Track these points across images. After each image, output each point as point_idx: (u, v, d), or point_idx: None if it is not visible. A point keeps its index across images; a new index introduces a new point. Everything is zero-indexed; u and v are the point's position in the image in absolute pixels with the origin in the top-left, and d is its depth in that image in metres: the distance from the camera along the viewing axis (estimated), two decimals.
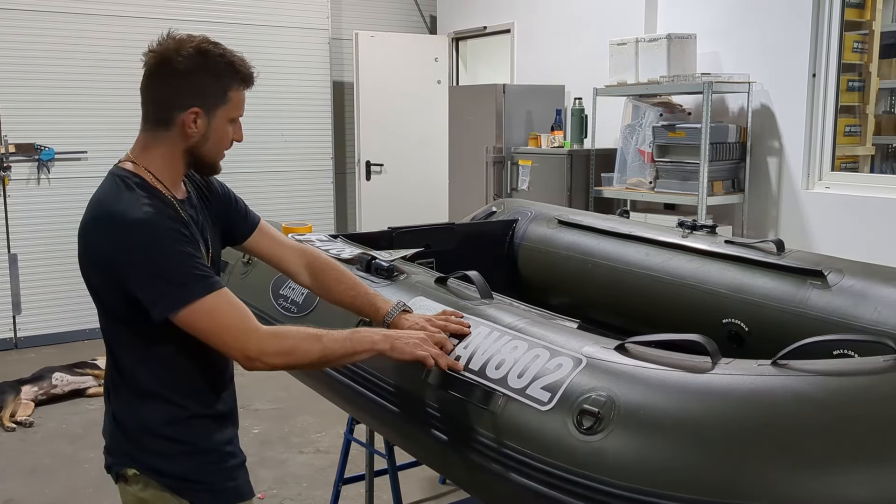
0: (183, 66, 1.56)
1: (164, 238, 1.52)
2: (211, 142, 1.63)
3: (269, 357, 1.57)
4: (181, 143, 1.61)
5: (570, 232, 3.21)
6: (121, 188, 1.57)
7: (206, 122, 1.60)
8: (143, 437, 1.66)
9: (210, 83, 1.59)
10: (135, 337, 1.61)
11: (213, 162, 1.68)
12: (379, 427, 2.31)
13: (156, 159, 1.62)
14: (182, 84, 1.57)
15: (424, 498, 3.55)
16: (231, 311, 1.56)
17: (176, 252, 1.53)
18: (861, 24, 4.37)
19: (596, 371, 1.61)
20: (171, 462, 1.66)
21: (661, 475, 1.40)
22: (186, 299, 1.52)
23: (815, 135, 4.32)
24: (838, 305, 2.34)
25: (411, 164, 6.75)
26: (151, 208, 1.54)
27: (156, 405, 1.64)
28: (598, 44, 5.14)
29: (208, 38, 1.62)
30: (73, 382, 4.69)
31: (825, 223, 4.22)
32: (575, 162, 5.02)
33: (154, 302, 1.52)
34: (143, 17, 5.81)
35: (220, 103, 1.61)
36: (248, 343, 1.56)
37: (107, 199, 1.57)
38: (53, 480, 3.71)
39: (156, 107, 1.61)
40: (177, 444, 1.66)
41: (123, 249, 1.52)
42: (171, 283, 1.52)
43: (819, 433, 1.34)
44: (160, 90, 1.59)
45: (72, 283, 5.77)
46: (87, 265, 1.60)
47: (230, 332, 1.55)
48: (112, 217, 1.54)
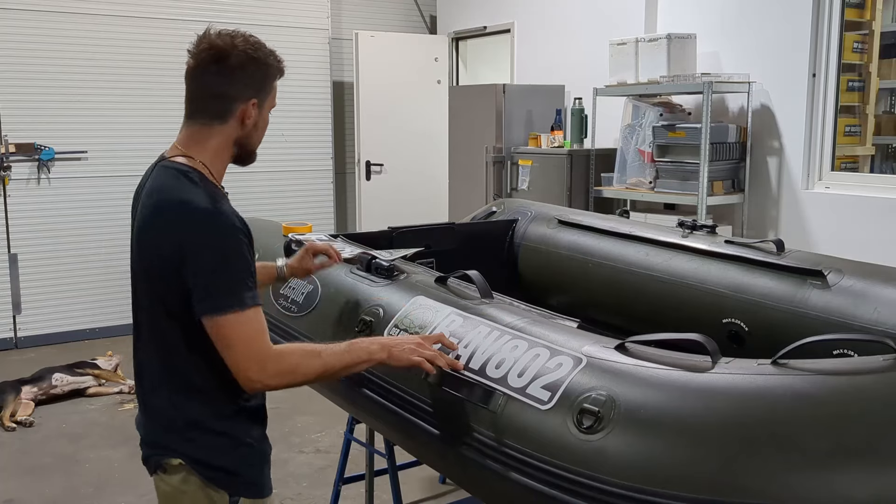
0: (238, 60, 1.62)
1: (234, 237, 1.57)
2: (259, 131, 1.71)
3: (269, 379, 1.59)
4: (235, 134, 1.67)
5: (570, 232, 3.21)
6: (183, 181, 1.60)
7: (258, 112, 1.68)
8: (192, 432, 1.67)
9: (262, 75, 1.67)
10: (187, 331, 1.61)
11: (255, 150, 1.74)
12: (379, 426, 2.31)
13: (208, 153, 1.66)
14: (240, 77, 1.63)
15: (424, 497, 3.56)
16: (255, 332, 1.58)
17: (239, 255, 1.57)
18: (861, 23, 4.37)
19: (596, 370, 1.62)
20: (221, 455, 1.68)
21: (660, 474, 1.41)
22: (229, 306, 1.54)
23: (815, 135, 4.32)
24: (838, 305, 2.34)
25: (411, 164, 6.75)
26: (224, 204, 1.60)
27: (205, 400, 1.67)
28: (598, 44, 5.14)
29: (254, 36, 1.70)
30: (73, 382, 4.69)
31: (825, 223, 4.22)
32: (575, 162, 5.02)
33: (202, 298, 1.55)
34: (143, 17, 5.82)
35: (268, 94, 1.69)
36: (254, 365, 1.58)
37: (172, 188, 1.60)
38: (53, 480, 3.71)
39: (214, 101, 1.64)
40: (225, 437, 1.69)
41: (196, 233, 1.55)
42: (223, 286, 1.55)
43: (818, 432, 1.34)
44: (219, 85, 1.63)
45: (72, 283, 5.78)
46: (150, 254, 1.61)
47: (245, 351, 1.57)
48: (186, 204, 1.56)
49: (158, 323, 1.66)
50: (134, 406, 4.55)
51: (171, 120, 6.74)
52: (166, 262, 1.57)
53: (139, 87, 5.82)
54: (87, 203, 5.77)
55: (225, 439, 1.69)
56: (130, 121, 5.80)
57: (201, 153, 1.65)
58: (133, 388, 4.73)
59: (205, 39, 1.63)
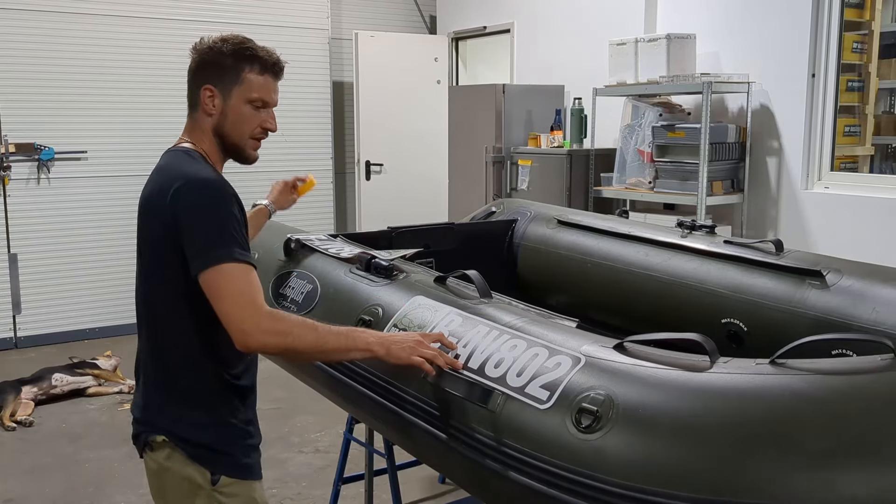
0: (209, 53, 1.74)
1: (224, 200, 1.64)
2: (230, 121, 1.74)
3: (263, 335, 1.60)
4: (206, 121, 1.75)
5: (570, 232, 3.21)
6: (184, 158, 1.72)
7: (221, 100, 1.73)
8: (178, 407, 1.72)
9: (227, 64, 1.72)
10: (181, 304, 1.67)
11: (238, 144, 1.77)
12: (378, 426, 2.31)
13: (201, 141, 1.77)
14: (205, 68, 1.74)
15: (424, 497, 3.56)
16: (249, 284, 1.61)
17: (230, 215, 1.63)
18: (860, 24, 4.37)
19: (595, 370, 1.62)
20: (203, 431, 1.71)
21: (659, 473, 1.41)
22: (221, 258, 1.59)
23: (814, 135, 4.32)
24: (837, 305, 2.34)
25: (411, 164, 6.76)
26: (218, 176, 1.71)
27: (194, 375, 1.71)
28: (597, 44, 5.14)
29: (243, 36, 1.77)
30: (73, 382, 4.69)
31: (824, 223, 4.23)
32: (574, 162, 5.02)
33: (196, 255, 1.60)
34: (143, 17, 5.82)
35: (234, 83, 1.73)
36: (248, 317, 1.59)
37: (176, 164, 1.70)
38: (53, 480, 3.71)
39: (188, 91, 1.77)
40: (209, 414, 1.72)
41: (192, 203, 1.63)
42: (217, 240, 1.60)
43: (817, 431, 1.34)
44: (192, 77, 1.77)
45: (71, 283, 5.79)
46: (153, 223, 1.68)
47: (239, 301, 1.59)
48: (185, 177, 1.65)
49: (152, 297, 1.73)
50: None
51: (170, 120, 6.74)
52: (168, 228, 1.64)
53: (139, 87, 5.82)
54: (87, 203, 5.77)
55: (208, 416, 1.72)
56: (130, 121, 5.81)
57: (199, 141, 1.77)
58: (133, 387, 4.75)
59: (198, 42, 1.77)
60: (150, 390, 1.76)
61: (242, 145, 1.78)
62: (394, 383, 1.98)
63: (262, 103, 1.76)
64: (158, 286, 1.72)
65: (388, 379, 2.00)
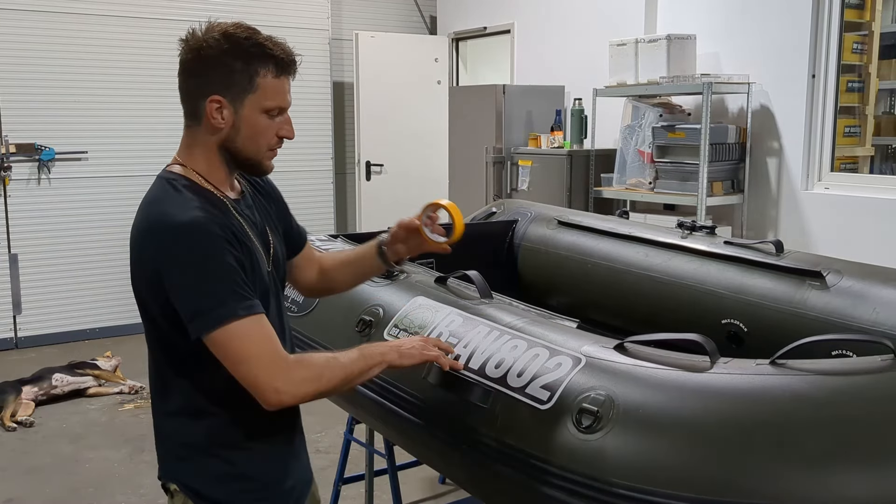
0: (207, 53, 1.46)
1: (210, 246, 1.41)
2: (243, 135, 1.49)
3: (298, 386, 1.45)
4: (212, 137, 1.50)
5: (570, 232, 3.22)
6: (168, 190, 1.48)
7: (231, 112, 1.48)
8: (187, 455, 1.57)
9: (235, 69, 1.46)
10: (183, 351, 1.49)
11: (254, 158, 1.53)
12: (379, 426, 2.31)
13: (199, 158, 1.52)
14: (207, 72, 1.47)
15: (424, 497, 3.56)
16: (265, 339, 1.44)
17: (220, 264, 1.41)
18: (860, 24, 4.37)
19: (595, 370, 1.62)
20: (213, 485, 1.56)
21: (659, 474, 1.41)
22: (222, 318, 1.40)
23: (814, 135, 4.32)
24: (837, 306, 2.34)
25: (411, 164, 6.76)
26: (200, 212, 1.43)
27: (203, 424, 1.55)
28: (597, 44, 5.14)
29: (243, 23, 1.50)
30: (73, 383, 4.69)
31: (824, 224, 4.23)
32: (575, 162, 5.03)
33: (191, 318, 1.42)
34: (142, 17, 5.82)
35: (246, 91, 1.47)
36: (278, 374, 1.43)
37: (155, 200, 1.48)
38: (53, 480, 3.71)
39: (186, 100, 1.51)
40: (221, 466, 1.55)
41: (168, 254, 1.42)
42: (210, 298, 1.40)
43: (817, 432, 1.35)
44: (188, 81, 1.50)
45: (72, 283, 5.79)
46: (136, 271, 1.50)
47: (261, 361, 1.42)
48: (159, 219, 1.44)
49: (154, 342, 1.56)
50: (134, 406, 4.56)
51: (171, 120, 6.72)
52: (148, 281, 1.46)
53: (139, 87, 5.82)
54: (87, 203, 5.77)
55: (221, 468, 1.56)
56: (130, 121, 5.81)
57: (192, 159, 1.53)
58: (133, 387, 4.76)
59: (187, 35, 1.51)
60: (160, 434, 1.64)
61: (259, 159, 1.54)
62: (394, 384, 1.99)
63: (278, 110, 1.52)
64: (152, 337, 1.54)
65: (388, 379, 2.00)
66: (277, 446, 1.63)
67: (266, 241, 1.60)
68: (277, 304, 1.62)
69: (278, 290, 1.65)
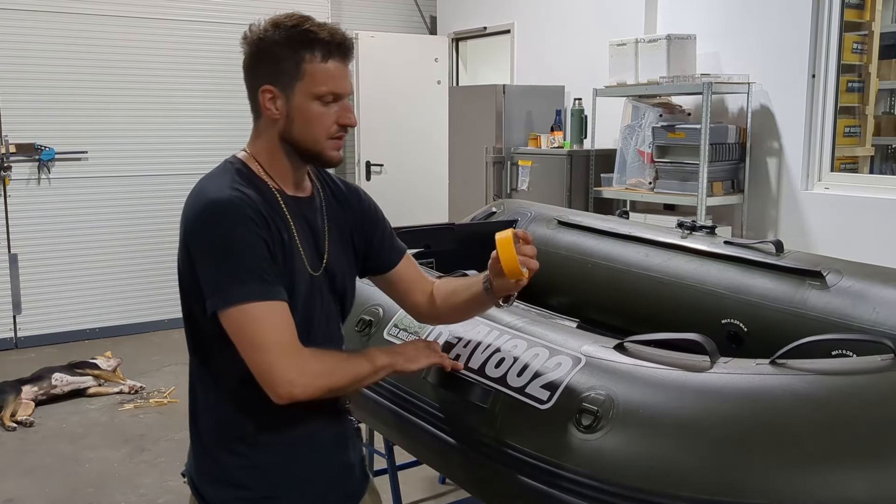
0: (258, 45, 1.46)
1: (239, 226, 1.39)
2: (298, 124, 1.47)
3: (312, 379, 1.40)
4: (272, 129, 1.49)
5: (570, 232, 3.22)
6: (221, 171, 1.49)
7: (284, 101, 1.46)
8: (204, 462, 1.55)
9: (283, 57, 1.44)
10: (204, 344, 1.48)
11: (313, 148, 1.49)
12: (379, 426, 2.32)
13: (262, 150, 1.52)
14: (259, 64, 1.47)
15: (424, 497, 3.56)
16: (282, 327, 1.40)
17: (245, 244, 1.39)
18: (860, 24, 4.37)
19: (595, 370, 1.62)
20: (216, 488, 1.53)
21: (659, 474, 1.41)
22: (239, 297, 1.37)
23: (814, 135, 4.33)
24: (837, 306, 2.34)
25: (411, 164, 6.76)
26: (239, 193, 1.42)
27: (218, 425, 1.52)
28: (597, 44, 5.14)
29: (295, 12, 1.48)
30: (73, 382, 4.69)
31: (824, 224, 4.23)
32: (574, 162, 5.03)
33: (210, 292, 1.39)
34: (142, 16, 5.81)
35: (295, 78, 1.44)
36: (292, 364, 1.39)
37: (206, 177, 1.49)
38: (53, 480, 3.71)
39: (248, 95, 1.51)
40: (233, 476, 1.51)
41: (198, 228, 1.41)
42: (229, 275, 1.38)
43: (816, 432, 1.34)
44: (246, 77, 1.50)
45: (72, 283, 5.78)
46: (178, 253, 1.48)
47: (278, 349, 1.38)
48: (198, 195, 1.44)
49: (187, 336, 1.53)
50: (134, 406, 4.56)
51: (171, 120, 6.72)
52: (185, 261, 1.45)
53: (139, 87, 5.82)
54: (87, 203, 5.77)
55: (219, 471, 1.52)
56: (130, 121, 5.80)
57: (257, 150, 1.53)
58: (132, 387, 4.75)
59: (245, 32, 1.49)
60: (191, 436, 1.58)
61: (319, 149, 1.49)
62: (394, 384, 1.99)
63: (332, 97, 1.47)
64: (187, 328, 1.52)
65: (388, 379, 2.00)
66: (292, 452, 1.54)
67: (319, 246, 1.56)
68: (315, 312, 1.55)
69: (323, 300, 1.57)
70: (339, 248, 1.61)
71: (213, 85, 5.97)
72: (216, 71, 5.94)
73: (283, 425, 1.51)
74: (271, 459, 1.52)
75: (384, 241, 1.72)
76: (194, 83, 5.98)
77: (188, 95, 5.97)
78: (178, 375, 4.99)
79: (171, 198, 5.91)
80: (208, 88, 5.99)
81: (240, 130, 6.93)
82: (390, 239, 1.74)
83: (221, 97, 5.95)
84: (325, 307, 1.58)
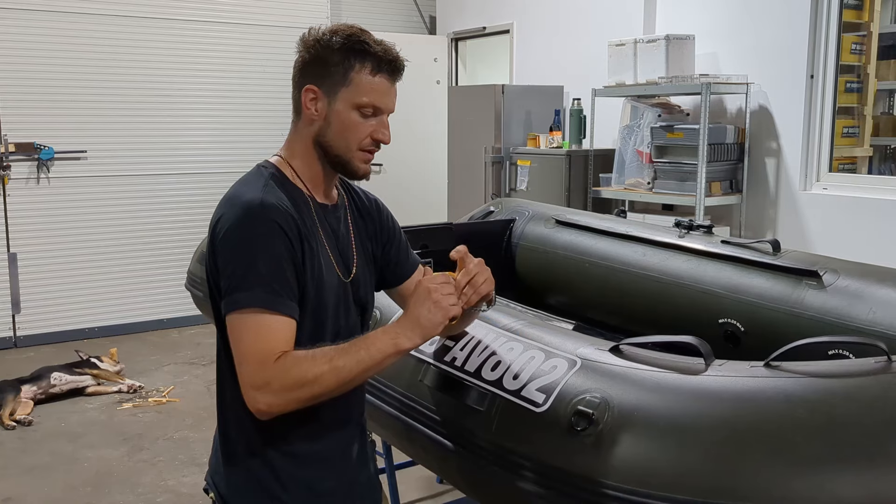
0: (315, 47, 1.49)
1: (263, 233, 1.39)
2: (334, 129, 1.48)
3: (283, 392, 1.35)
4: (308, 129, 1.51)
5: (568, 232, 3.22)
6: (254, 174, 1.51)
7: (325, 104, 1.48)
8: (225, 467, 1.54)
9: (332, 62, 1.47)
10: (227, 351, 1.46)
11: (343, 156, 1.50)
12: (376, 428, 2.32)
13: (296, 154, 1.53)
14: (309, 65, 1.49)
15: (422, 497, 3.56)
16: (268, 339, 1.36)
17: (267, 251, 1.38)
18: (859, 25, 4.38)
19: (591, 373, 1.62)
20: (238, 495, 1.52)
21: (654, 476, 1.41)
22: (241, 303, 1.36)
23: (812, 136, 4.33)
24: (833, 306, 2.34)
25: (411, 164, 6.76)
26: (269, 197, 1.42)
27: (239, 433, 1.50)
28: (596, 44, 5.14)
29: (357, 25, 1.52)
30: (72, 382, 4.69)
31: (823, 224, 4.23)
32: (573, 162, 5.03)
33: (225, 293, 1.39)
34: (143, 16, 5.81)
35: (340, 84, 1.47)
36: (263, 375, 1.35)
37: (239, 181, 1.51)
38: (52, 479, 3.72)
39: (293, 94, 1.53)
40: (254, 481, 1.50)
41: (224, 228, 1.41)
42: (240, 280, 1.37)
43: (810, 434, 1.35)
44: (295, 75, 1.52)
45: (71, 283, 5.79)
46: (207, 253, 1.47)
47: (253, 359, 1.36)
48: (230, 197, 1.46)
49: (218, 344, 1.51)
50: (132, 405, 4.56)
51: (171, 119, 6.70)
52: (213, 267, 1.45)
53: (139, 86, 5.82)
54: (87, 203, 5.77)
55: (253, 483, 1.50)
56: (130, 120, 5.80)
57: (290, 153, 1.54)
58: (131, 387, 4.76)
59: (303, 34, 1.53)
60: (215, 440, 1.58)
61: (349, 158, 1.50)
62: (390, 385, 1.99)
63: (372, 110, 1.48)
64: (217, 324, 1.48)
65: (384, 381, 2.01)
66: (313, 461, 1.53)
67: (346, 255, 1.56)
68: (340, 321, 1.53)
69: (349, 310, 1.56)
70: (363, 258, 1.62)
71: (213, 85, 5.97)
72: (216, 71, 5.94)
73: (318, 437, 1.51)
74: (308, 472, 1.51)
75: (400, 253, 1.73)
76: (194, 83, 5.98)
77: (188, 95, 5.97)
78: (177, 375, 4.99)
79: (171, 197, 5.92)
80: (208, 88, 5.99)
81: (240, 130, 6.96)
82: (406, 251, 1.75)
83: (222, 97, 5.95)
84: (350, 318, 1.58)
